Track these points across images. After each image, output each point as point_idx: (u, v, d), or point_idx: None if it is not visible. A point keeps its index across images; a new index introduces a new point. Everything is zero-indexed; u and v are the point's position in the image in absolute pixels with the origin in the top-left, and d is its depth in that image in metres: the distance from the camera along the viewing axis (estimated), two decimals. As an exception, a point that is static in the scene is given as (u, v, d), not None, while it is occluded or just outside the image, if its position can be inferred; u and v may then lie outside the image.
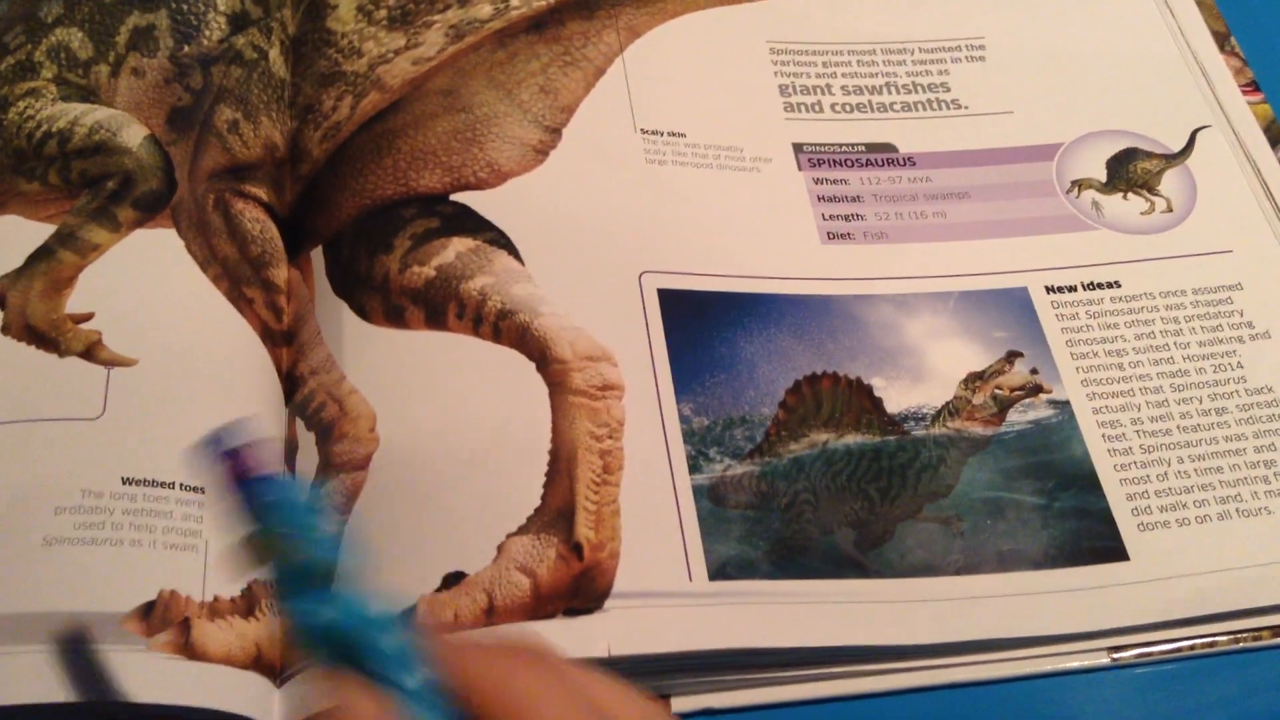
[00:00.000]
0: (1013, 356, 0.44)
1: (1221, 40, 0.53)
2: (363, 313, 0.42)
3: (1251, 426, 0.43)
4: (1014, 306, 0.45)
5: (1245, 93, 0.51)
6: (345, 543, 0.31)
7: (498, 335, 0.41)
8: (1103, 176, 0.49)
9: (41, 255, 0.40)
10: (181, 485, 0.37)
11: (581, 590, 0.37)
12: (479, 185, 0.45)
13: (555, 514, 0.38)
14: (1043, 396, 0.43)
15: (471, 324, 0.42)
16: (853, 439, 0.42)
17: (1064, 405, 0.43)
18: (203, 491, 0.36)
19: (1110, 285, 0.46)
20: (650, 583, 0.37)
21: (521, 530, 0.38)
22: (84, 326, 0.39)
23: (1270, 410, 0.43)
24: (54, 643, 0.33)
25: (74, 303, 0.39)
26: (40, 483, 0.35)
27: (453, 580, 0.37)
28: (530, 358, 0.41)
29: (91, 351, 0.38)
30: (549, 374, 0.41)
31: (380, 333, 0.42)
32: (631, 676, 0.36)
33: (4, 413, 0.36)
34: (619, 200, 0.45)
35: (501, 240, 0.43)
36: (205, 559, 0.36)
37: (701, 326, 0.43)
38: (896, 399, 0.43)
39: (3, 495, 0.35)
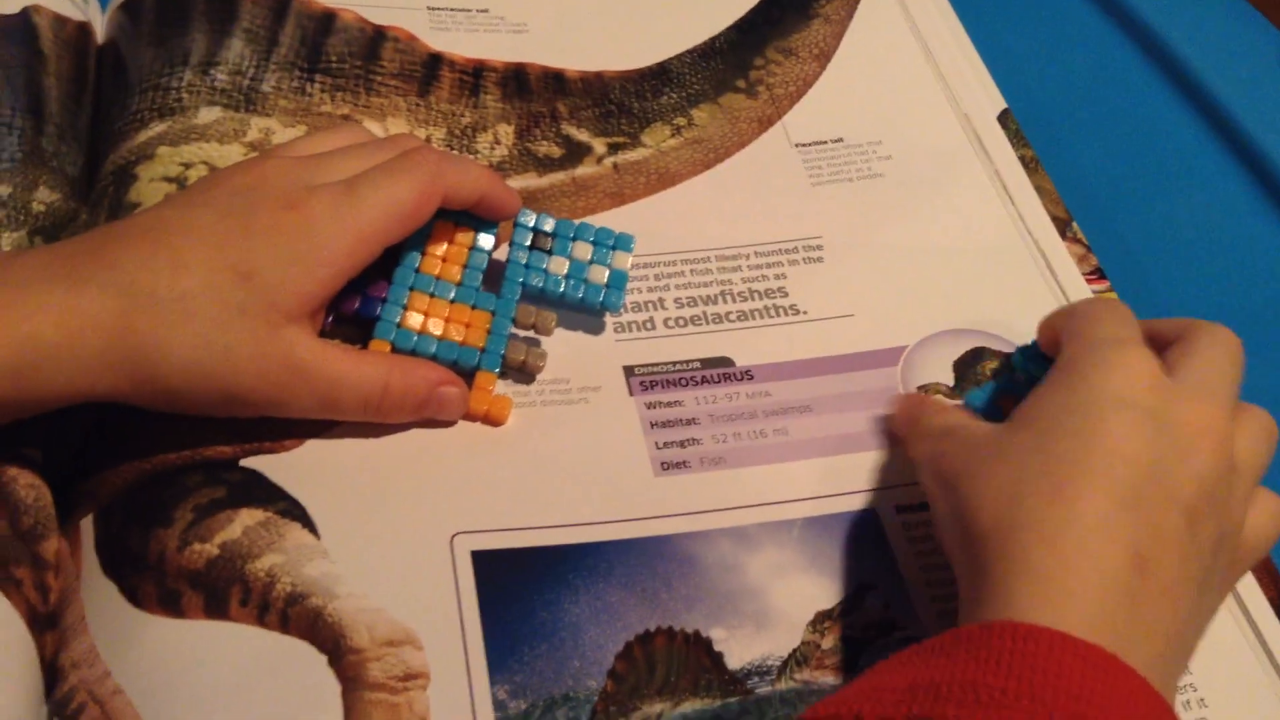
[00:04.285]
0: (864, 590, 0.41)
1: (1063, 226, 0.52)
2: (133, 597, 0.38)
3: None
4: (864, 531, 0.42)
5: (1090, 281, 0.50)
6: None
7: (285, 624, 0.37)
8: (950, 380, 0.47)
9: None
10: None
11: None
12: (273, 448, 0.41)
13: (349, 835, 0.34)
14: (898, 634, 0.40)
15: (256, 611, 0.37)
16: (690, 706, 0.38)
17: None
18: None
19: (963, 503, 0.43)
20: None
21: None
22: None
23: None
24: None
25: None
26: None
27: None
28: (322, 649, 0.36)
29: None
30: (343, 667, 0.36)
31: (152, 621, 0.37)
32: None
33: None
34: (429, 456, 0.42)
35: (295, 510, 0.39)
36: None
37: (521, 589, 0.39)
38: (738, 652, 0.39)
39: None
